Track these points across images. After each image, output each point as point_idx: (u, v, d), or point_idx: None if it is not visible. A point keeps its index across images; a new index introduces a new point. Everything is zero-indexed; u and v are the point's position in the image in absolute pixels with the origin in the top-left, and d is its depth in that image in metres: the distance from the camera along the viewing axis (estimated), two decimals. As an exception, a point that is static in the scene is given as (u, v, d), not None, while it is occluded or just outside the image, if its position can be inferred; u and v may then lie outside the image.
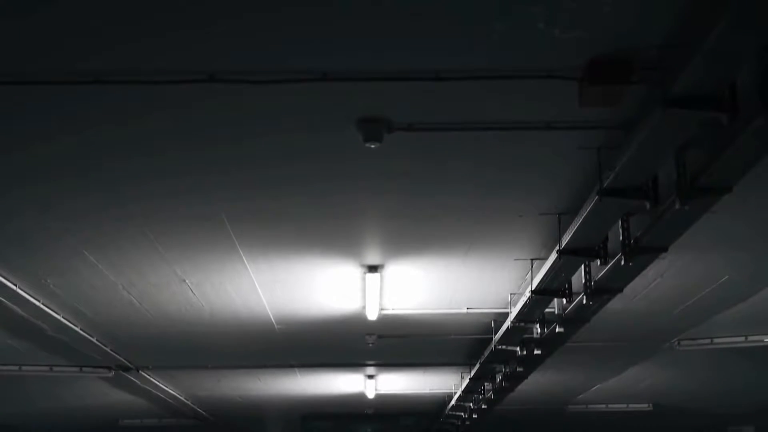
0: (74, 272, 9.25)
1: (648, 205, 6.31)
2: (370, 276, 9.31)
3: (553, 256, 7.97)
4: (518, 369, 12.73)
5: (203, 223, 7.90)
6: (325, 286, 9.96)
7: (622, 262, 7.44)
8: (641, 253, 7.40)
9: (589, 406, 19.34)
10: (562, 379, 16.49)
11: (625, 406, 19.08)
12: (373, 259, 9.03)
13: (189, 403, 18.28)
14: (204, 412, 19.58)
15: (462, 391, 15.69)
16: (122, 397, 17.52)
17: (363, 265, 9.19)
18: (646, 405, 18.95)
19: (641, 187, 6.24)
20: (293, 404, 18.86)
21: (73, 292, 9.97)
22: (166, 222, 7.93)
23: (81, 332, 11.61)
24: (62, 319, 10.87)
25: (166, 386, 16.23)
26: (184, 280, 9.58)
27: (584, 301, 8.86)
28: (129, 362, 13.93)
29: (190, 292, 10.01)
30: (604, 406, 19.24)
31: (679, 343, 12.92)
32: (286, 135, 6.27)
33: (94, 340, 12.15)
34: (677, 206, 6.08)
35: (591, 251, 7.59)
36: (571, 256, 7.73)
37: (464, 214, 7.85)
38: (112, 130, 6.13)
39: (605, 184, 6.16)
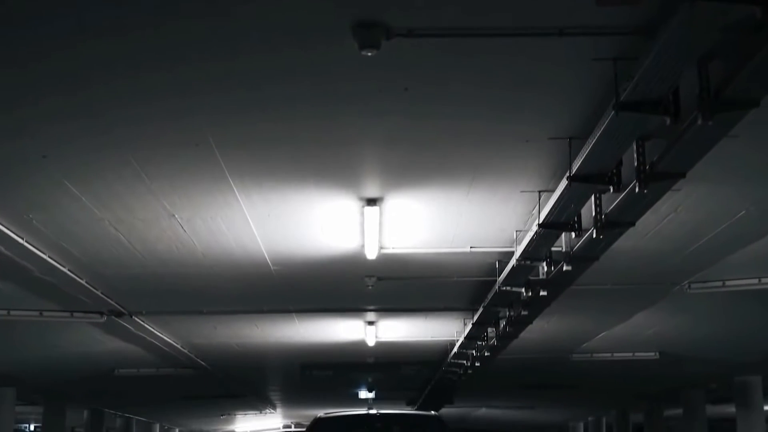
0: (57, 206, 8.80)
1: (668, 121, 5.83)
2: (368, 210, 8.85)
3: (563, 184, 7.49)
4: (523, 313, 12.32)
5: (191, 150, 7.43)
6: (322, 221, 9.50)
7: (637, 189, 6.99)
8: (658, 179, 6.94)
9: (594, 354, 18.94)
10: (566, 327, 16.11)
11: (630, 354, 18.67)
12: (371, 191, 8.57)
13: (186, 351, 17.91)
14: (201, 361, 19.21)
15: (464, 338, 15.30)
16: (117, 346, 17.16)
17: (361, 198, 8.73)
18: (653, 353, 18.53)
19: (661, 101, 5.76)
20: (292, 353, 18.48)
21: (57, 229, 9.53)
22: (152, 149, 7.47)
23: (69, 274, 11.18)
24: (49, 259, 10.44)
25: (161, 333, 15.84)
26: (174, 215, 9.12)
27: (594, 236, 8.42)
28: (122, 307, 13.52)
29: (181, 228, 9.56)
30: (609, 354, 18.84)
31: (689, 286, 12.49)
32: (276, 52, 5.84)
33: (83, 282, 11.72)
34: (700, 122, 5.62)
35: (603, 178, 7.11)
36: (581, 184, 7.26)
37: (467, 140, 7.38)
38: (94, 48, 5.71)
39: (622, 97, 5.68)
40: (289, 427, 36.83)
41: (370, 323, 15.47)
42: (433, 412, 11.35)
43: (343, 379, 21.35)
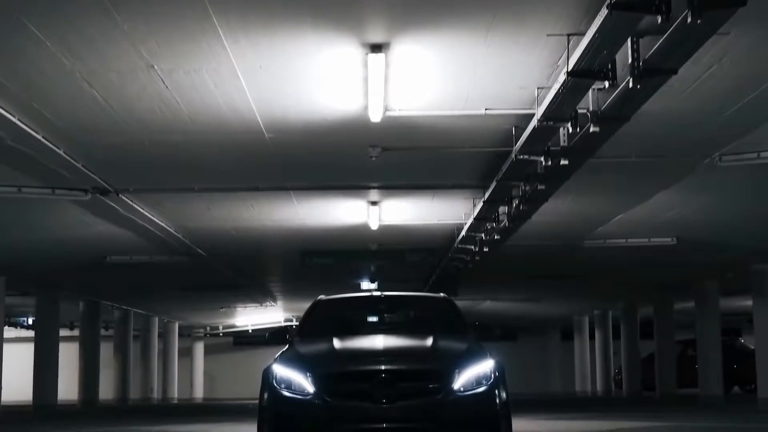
0: (19, 54, 7.76)
1: None
2: (373, 57, 7.79)
3: (600, 18, 6.46)
4: (539, 187, 11.36)
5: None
6: (321, 74, 8.43)
7: (689, 20, 5.97)
8: (714, 6, 5.94)
9: (608, 240, 18.06)
10: (581, 208, 15.18)
11: (646, 240, 17.79)
12: (376, 34, 7.50)
13: (180, 236, 17.04)
14: (197, 248, 18.37)
15: (474, 219, 14.37)
16: (107, 230, 16.30)
17: (365, 44, 7.66)
18: (670, 239, 17.65)
19: None
20: (292, 238, 17.60)
21: (23, 83, 8.50)
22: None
23: (44, 142, 10.18)
24: (19, 123, 9.43)
25: (151, 215, 14.94)
26: (152, 66, 8.08)
27: (630, 85, 7.41)
28: (106, 184, 12.58)
29: (162, 83, 8.52)
30: (624, 240, 17.96)
31: (720, 159, 11.51)
32: None
33: (61, 152, 10.73)
34: None
35: (650, 5, 6.07)
36: (622, 14, 6.22)
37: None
38: None
39: None
40: (291, 321, 36.30)
41: (374, 203, 14.52)
42: (442, 294, 10.49)
43: (344, 268, 20.55)
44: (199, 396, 40.73)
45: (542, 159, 10.02)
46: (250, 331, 39.06)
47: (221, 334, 41.90)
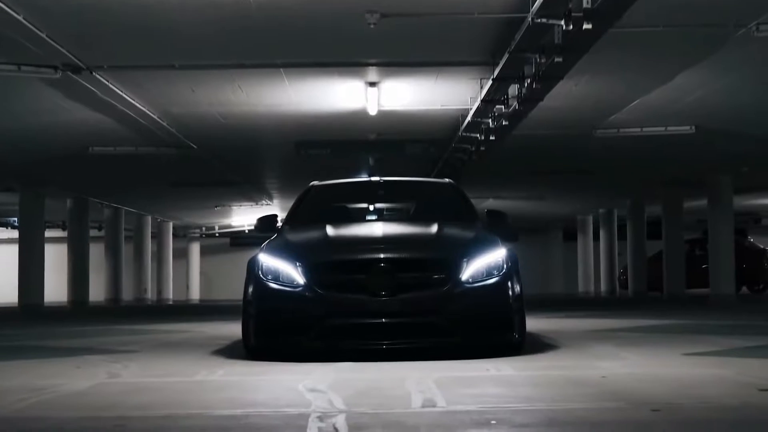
0: None
1: None
2: None
3: None
4: (556, 60, 10.22)
5: None
6: None
7: None
8: None
9: (621, 130, 16.95)
10: (596, 92, 14.05)
11: (663, 129, 16.65)
12: None
13: (165, 124, 15.93)
14: (184, 138, 17.26)
15: (481, 101, 13.24)
16: (87, 117, 15.18)
17: None
18: (688, 127, 16.52)
19: None
20: (286, 126, 16.46)
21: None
22: None
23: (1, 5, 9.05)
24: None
25: (131, 98, 13.80)
26: None
27: None
28: (77, 59, 11.44)
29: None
30: (638, 129, 16.84)
31: (757, 28, 10.37)
32: None
33: (20, 18, 9.59)
34: None
35: None
36: None
37: None
38: None
39: None
40: (287, 221, 35.45)
41: (372, 84, 13.34)
42: (447, 180, 9.45)
43: (341, 163, 19.44)
44: (196, 298, 40.13)
45: (562, 23, 8.87)
46: (247, 231, 38.18)
47: (217, 235, 41.16)
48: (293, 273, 7.03)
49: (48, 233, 35.40)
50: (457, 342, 6.95)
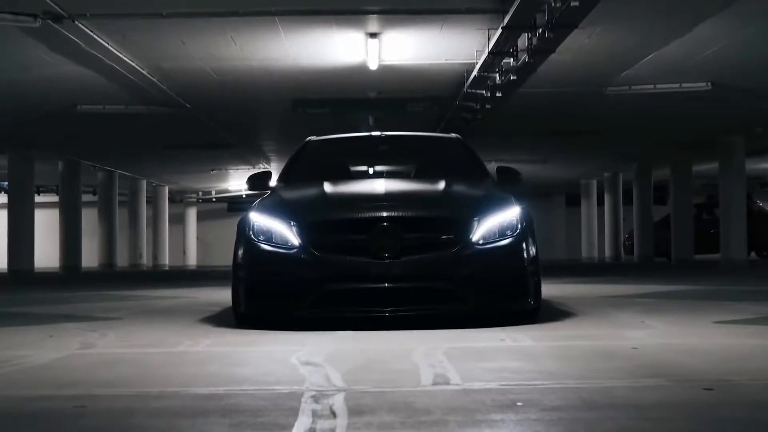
0: None
1: None
2: None
3: None
4: (572, 3, 9.49)
5: None
6: None
7: None
8: None
9: (633, 87, 16.22)
10: (609, 44, 13.34)
11: (677, 85, 15.92)
12: None
13: (155, 80, 15.20)
14: (176, 96, 16.53)
15: (489, 52, 12.51)
16: (72, 72, 14.46)
17: None
18: (704, 84, 15.80)
19: None
20: (282, 83, 15.72)
21: None
22: None
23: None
24: None
25: (118, 51, 13.08)
26: None
27: None
28: (58, 6, 10.72)
29: None
30: (651, 86, 16.10)
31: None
32: None
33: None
34: None
35: None
36: None
37: None
38: None
39: None
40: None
41: (373, 36, 12.60)
42: (454, 135, 8.76)
43: (341, 121, 18.70)
44: (193, 264, 39.54)
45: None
46: (244, 196, 37.49)
47: (214, 200, 40.52)
48: (287, 233, 6.38)
49: (43, 198, 34.95)
50: (466, 309, 6.31)
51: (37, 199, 36.50)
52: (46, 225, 32.74)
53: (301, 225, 6.39)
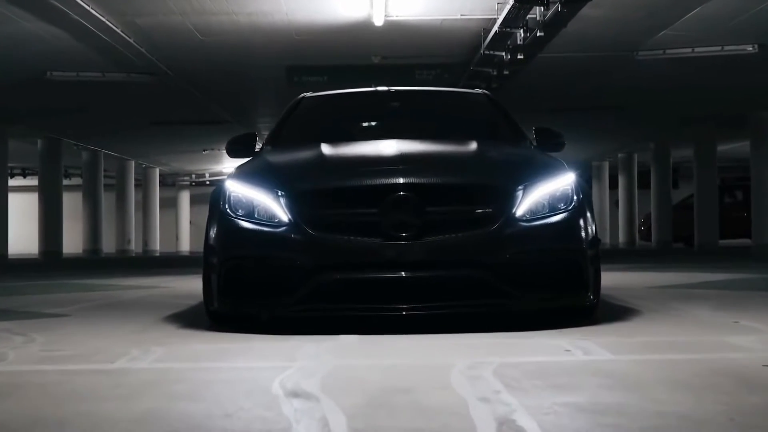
0: None
1: None
2: None
3: None
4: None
5: None
6: None
7: None
8: None
9: (668, 51, 14.53)
10: (644, 1, 11.67)
11: (719, 48, 14.22)
12: None
13: (131, 41, 13.50)
14: (156, 61, 14.85)
15: (514, 2, 10.84)
16: (38, 30, 12.80)
17: None
18: (750, 46, 14.09)
19: None
20: (275, 45, 14.03)
21: None
22: None
23: None
24: None
25: (86, 3, 11.40)
26: None
27: None
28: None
29: None
30: (689, 50, 14.40)
31: None
32: None
33: None
34: None
35: None
36: None
37: None
38: None
39: None
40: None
41: (379, -18, 10.98)
42: (480, 90, 7.09)
43: (341, 86, 16.99)
44: (186, 249, 37.96)
45: None
46: (238, 177, 35.93)
47: (208, 183, 38.93)
48: (273, 206, 4.77)
49: (29, 181, 33.32)
50: (509, 306, 4.69)
51: (24, 181, 35.10)
52: (26, 208, 31.23)
53: (291, 195, 4.77)
